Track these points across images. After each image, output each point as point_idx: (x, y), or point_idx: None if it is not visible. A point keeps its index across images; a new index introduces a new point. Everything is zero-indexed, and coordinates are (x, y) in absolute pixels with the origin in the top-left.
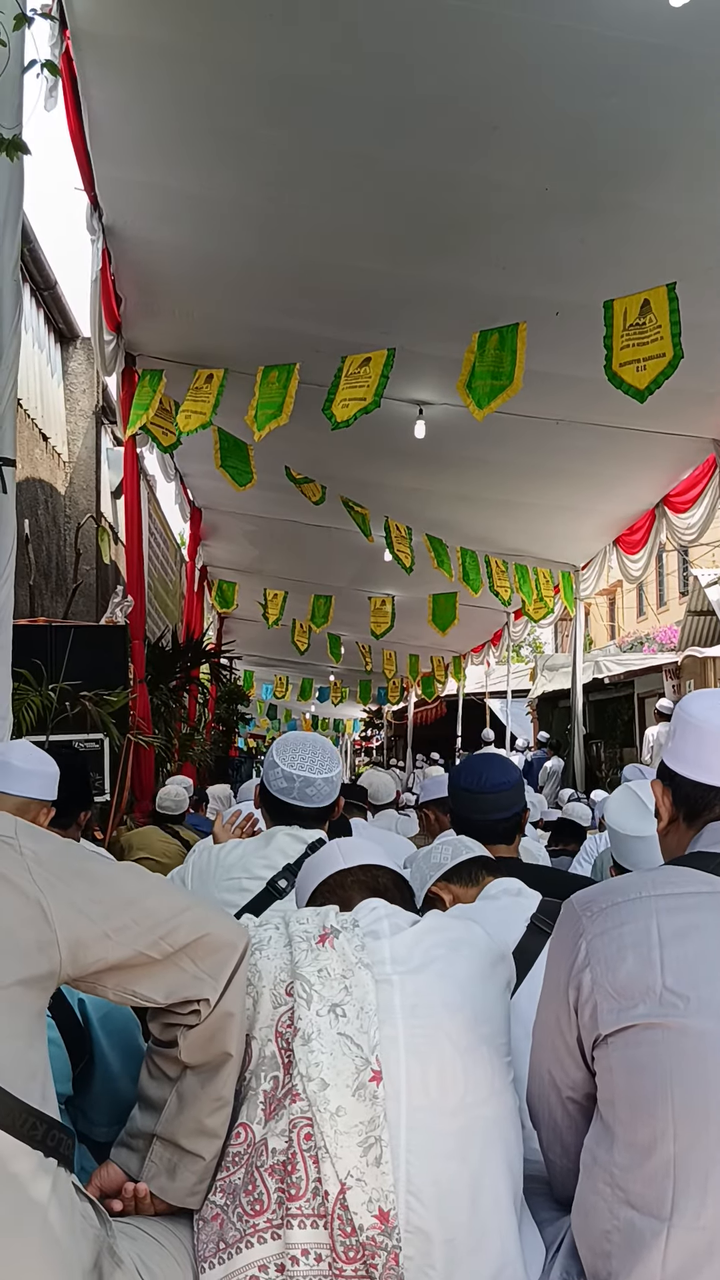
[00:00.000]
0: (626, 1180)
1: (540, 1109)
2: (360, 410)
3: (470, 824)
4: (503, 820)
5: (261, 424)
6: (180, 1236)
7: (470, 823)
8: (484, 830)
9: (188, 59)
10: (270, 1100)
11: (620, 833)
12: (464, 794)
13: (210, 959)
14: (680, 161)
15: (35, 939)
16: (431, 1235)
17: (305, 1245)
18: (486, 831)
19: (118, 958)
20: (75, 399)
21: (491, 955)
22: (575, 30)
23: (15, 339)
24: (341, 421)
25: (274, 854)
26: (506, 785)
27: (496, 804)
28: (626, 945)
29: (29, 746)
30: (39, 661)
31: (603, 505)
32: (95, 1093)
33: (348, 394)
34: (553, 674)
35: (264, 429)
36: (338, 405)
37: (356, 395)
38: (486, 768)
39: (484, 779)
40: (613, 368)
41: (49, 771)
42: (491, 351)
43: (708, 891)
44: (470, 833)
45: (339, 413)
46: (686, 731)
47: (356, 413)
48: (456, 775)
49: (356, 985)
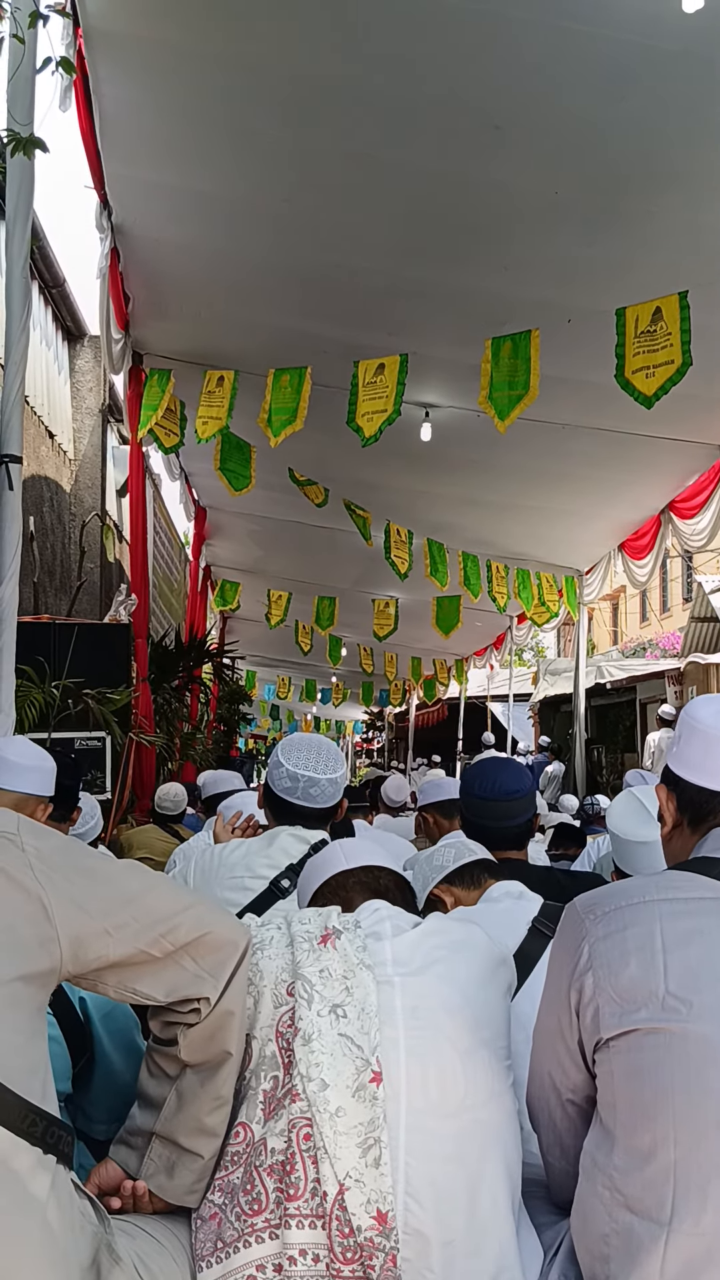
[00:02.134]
0: (626, 1184)
1: (540, 1112)
2: (385, 422)
3: (484, 830)
4: (515, 826)
5: (277, 430)
6: (178, 1235)
7: (484, 829)
8: (496, 836)
9: (199, 59)
10: (270, 1100)
11: (622, 837)
12: (477, 801)
13: (211, 957)
14: (694, 168)
15: (36, 935)
16: (429, 1237)
17: (303, 1245)
18: (499, 838)
19: (118, 955)
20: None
21: (493, 958)
22: (587, 34)
23: (24, 336)
24: (370, 436)
25: (277, 854)
26: (520, 792)
27: (510, 811)
28: (630, 949)
29: (26, 742)
30: (42, 659)
31: (608, 510)
32: (95, 1091)
33: (369, 406)
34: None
35: (280, 435)
36: (361, 418)
37: (378, 407)
38: (500, 775)
39: (498, 786)
40: (624, 375)
41: (46, 767)
42: (506, 360)
43: (712, 897)
44: (482, 838)
45: (365, 426)
46: (693, 737)
47: (382, 425)
48: (469, 782)
49: (358, 986)
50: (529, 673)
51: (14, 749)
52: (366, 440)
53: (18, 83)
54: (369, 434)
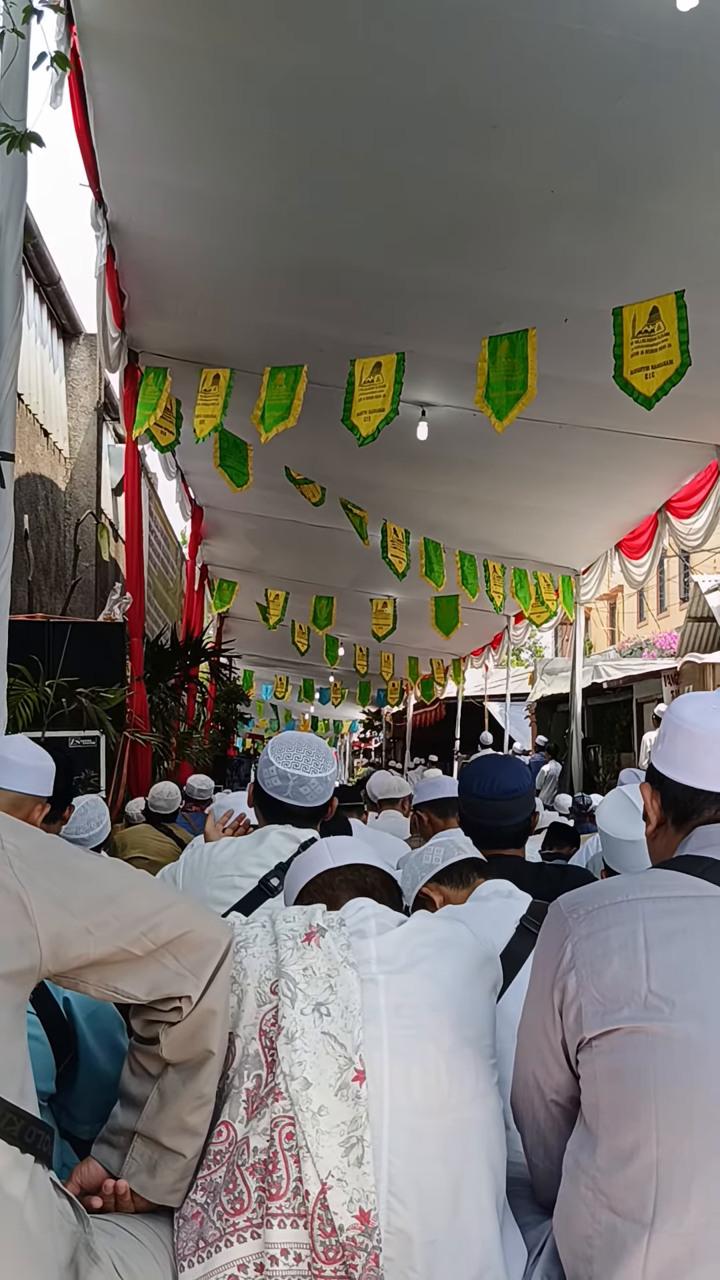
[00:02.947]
0: (608, 1184)
1: (524, 1111)
2: (383, 422)
3: (482, 829)
4: (514, 825)
5: (269, 426)
6: (160, 1234)
7: (482, 828)
8: (495, 835)
9: (194, 56)
10: (252, 1099)
11: (612, 836)
12: (475, 800)
13: (192, 956)
14: (691, 167)
15: (15, 934)
16: (412, 1236)
17: (285, 1245)
18: (497, 836)
19: (99, 953)
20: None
21: (478, 957)
22: (583, 33)
23: (16, 333)
24: (367, 436)
25: (266, 852)
26: (519, 792)
27: (508, 810)
28: (612, 948)
29: (26, 741)
30: (36, 657)
31: (605, 509)
32: (80, 1090)
33: (366, 405)
34: (552, 678)
35: (271, 431)
36: (358, 417)
37: (375, 406)
38: (499, 773)
39: (497, 785)
40: (623, 375)
41: (45, 767)
42: (503, 359)
43: (695, 895)
44: (480, 837)
45: (362, 426)
46: (677, 735)
47: (379, 425)
48: (468, 780)
49: (341, 984)
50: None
51: (13, 748)
52: (363, 439)
53: (11, 78)
54: (366, 433)
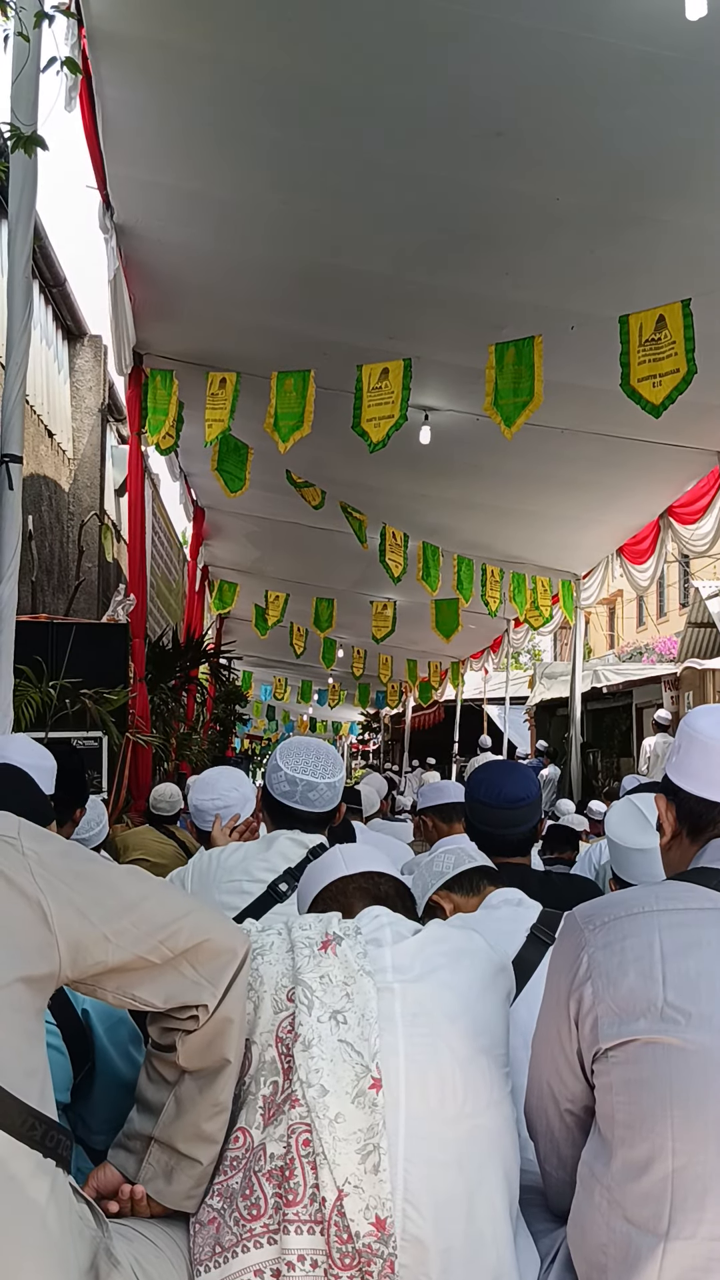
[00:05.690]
0: (623, 1194)
1: (538, 1121)
2: (392, 428)
3: (488, 837)
4: (520, 833)
5: (285, 435)
6: (176, 1239)
7: (488, 835)
8: (500, 843)
9: (203, 61)
10: (269, 1105)
11: (621, 845)
12: (481, 807)
13: (210, 964)
14: (698, 176)
15: (35, 940)
16: (427, 1244)
17: (301, 1251)
18: (502, 844)
19: (117, 961)
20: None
21: (492, 966)
22: (590, 41)
23: (25, 336)
24: (377, 443)
25: (275, 857)
26: (526, 800)
27: (514, 819)
28: (629, 960)
29: (27, 740)
30: (40, 658)
31: (605, 514)
32: (96, 1100)
33: (375, 411)
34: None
35: (289, 440)
36: (368, 424)
37: (384, 413)
38: (506, 781)
39: (503, 793)
40: (630, 383)
41: (46, 766)
42: (509, 367)
43: (711, 908)
44: (486, 844)
45: (372, 432)
46: (692, 747)
47: (389, 431)
48: (475, 787)
49: (358, 992)
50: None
51: (15, 747)
52: (374, 446)
53: (22, 82)
54: (376, 439)
